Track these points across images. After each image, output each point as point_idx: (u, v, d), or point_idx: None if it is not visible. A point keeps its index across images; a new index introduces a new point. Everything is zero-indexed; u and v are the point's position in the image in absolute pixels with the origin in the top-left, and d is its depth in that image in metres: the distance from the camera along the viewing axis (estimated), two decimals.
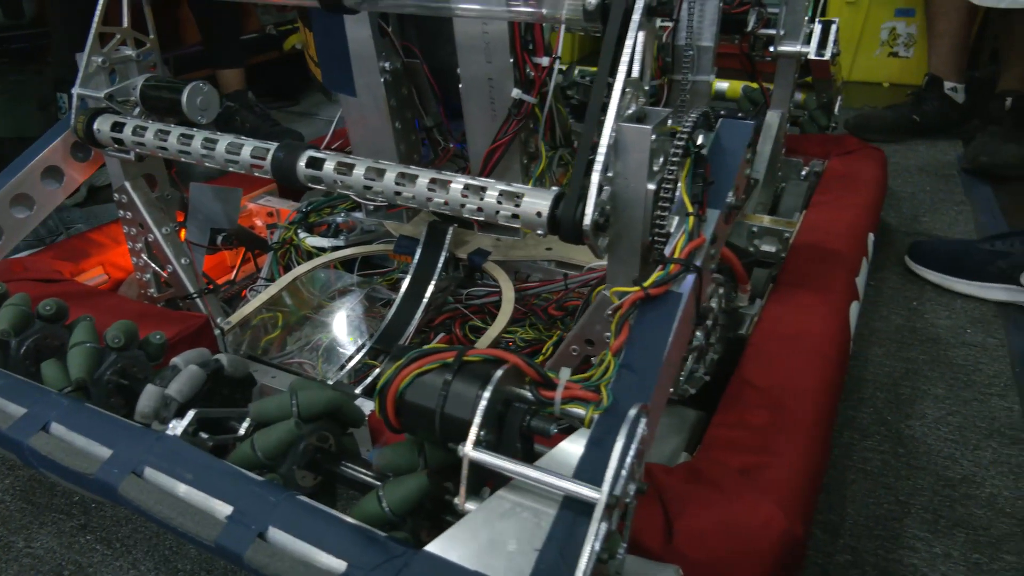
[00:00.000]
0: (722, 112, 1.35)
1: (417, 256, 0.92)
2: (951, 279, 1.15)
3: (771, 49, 1.10)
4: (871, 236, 0.98)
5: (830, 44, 1.03)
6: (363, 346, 0.88)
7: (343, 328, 0.93)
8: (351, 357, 0.86)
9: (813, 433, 0.61)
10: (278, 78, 2.25)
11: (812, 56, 1.04)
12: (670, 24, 0.93)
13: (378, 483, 0.53)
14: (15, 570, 0.71)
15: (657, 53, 0.90)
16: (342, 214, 1.06)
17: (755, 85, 1.30)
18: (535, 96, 0.73)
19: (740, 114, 1.31)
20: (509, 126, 0.74)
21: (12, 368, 0.65)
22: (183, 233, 0.93)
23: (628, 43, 0.53)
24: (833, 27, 1.03)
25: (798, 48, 1.07)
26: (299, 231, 1.02)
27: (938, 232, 1.36)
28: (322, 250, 1.00)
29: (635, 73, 0.56)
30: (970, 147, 1.63)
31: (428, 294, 0.89)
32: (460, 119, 0.83)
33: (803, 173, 1.27)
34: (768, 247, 1.04)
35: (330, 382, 0.82)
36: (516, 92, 0.72)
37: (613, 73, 0.54)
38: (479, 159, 0.78)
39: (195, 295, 0.87)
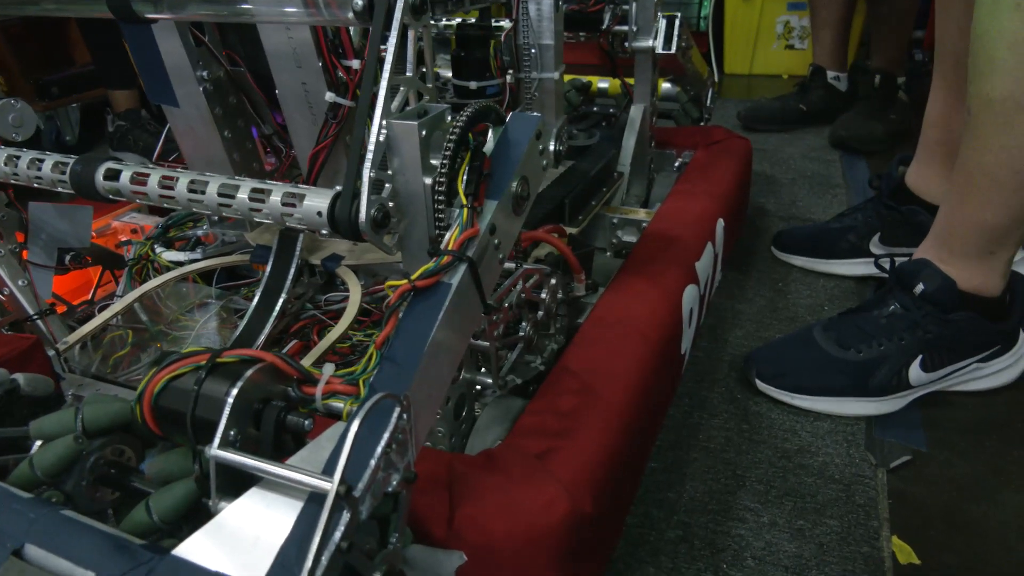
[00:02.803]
0: (595, 108, 1.38)
1: (269, 265, 0.92)
2: (814, 261, 1.20)
3: (627, 45, 1.12)
4: (720, 222, 1.01)
5: (675, 38, 1.06)
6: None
7: (196, 341, 0.92)
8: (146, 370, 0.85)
9: (617, 413, 0.63)
10: None
11: (659, 51, 1.07)
12: (509, 24, 0.94)
13: None
14: None
15: (495, 52, 0.91)
16: (204, 227, 1.05)
17: (630, 80, 1.33)
18: (351, 98, 0.73)
19: (612, 110, 1.34)
20: (328, 130, 0.75)
21: None
22: (26, 254, 0.90)
23: (391, 41, 0.54)
24: (677, 21, 1.06)
25: (650, 43, 1.10)
26: (156, 246, 1.01)
27: (812, 214, 1.41)
28: (179, 264, 0.99)
29: (411, 71, 0.57)
30: (835, 123, 1.72)
31: (280, 302, 0.89)
32: None
33: (676, 164, 1.30)
34: (629, 238, 1.07)
35: None
36: (330, 96, 0.73)
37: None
38: (307, 164, 0.78)
39: (33, 317, 0.85)
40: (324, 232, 0.57)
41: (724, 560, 0.69)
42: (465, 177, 0.56)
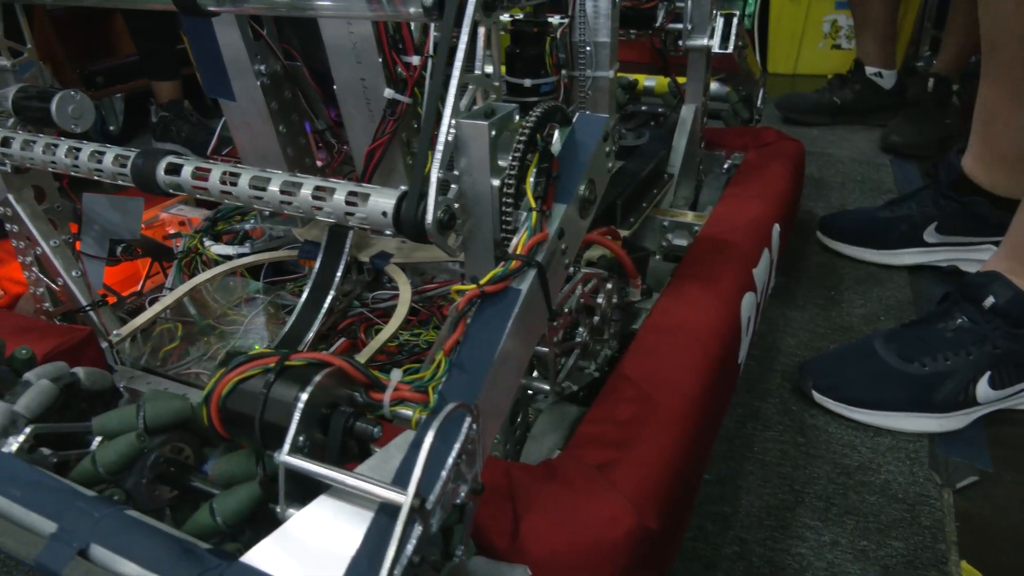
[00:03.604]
0: (643, 107, 1.36)
1: (318, 261, 0.91)
2: (860, 250, 1.18)
3: (680, 44, 1.10)
4: (776, 227, 0.98)
5: (732, 37, 1.03)
6: None
7: (245, 336, 0.92)
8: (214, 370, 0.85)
9: (679, 424, 0.61)
10: None
11: (716, 50, 1.05)
12: (566, 21, 0.92)
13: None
14: None
15: (550, 49, 0.89)
16: (252, 221, 1.05)
17: (679, 80, 1.30)
18: (409, 95, 0.72)
19: (661, 109, 1.31)
20: (385, 126, 0.73)
21: None
22: (79, 245, 0.91)
23: (464, 38, 0.53)
24: (735, 20, 1.04)
25: (705, 42, 1.07)
26: (205, 239, 1.01)
27: None
28: (228, 258, 0.99)
29: (479, 69, 0.55)
30: (887, 127, 1.70)
31: (329, 299, 0.88)
32: None
33: (725, 166, 1.28)
34: (680, 241, 1.05)
35: None
36: (389, 92, 0.71)
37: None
38: (363, 161, 0.77)
39: (86, 308, 0.85)
40: (388, 232, 0.56)
41: None
42: (533, 179, 0.55)
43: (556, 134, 0.59)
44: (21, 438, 0.53)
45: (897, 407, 0.82)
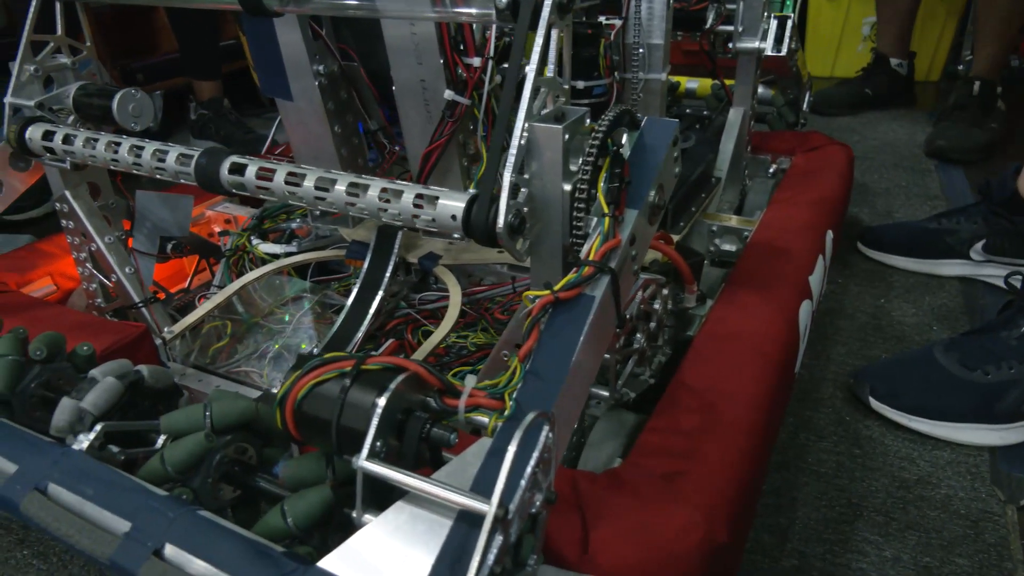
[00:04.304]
0: (687, 110, 1.34)
1: (367, 261, 0.91)
2: (903, 259, 1.16)
3: (730, 46, 1.08)
4: (829, 233, 0.96)
5: (786, 40, 1.02)
6: (311, 353, 0.86)
7: (293, 335, 0.92)
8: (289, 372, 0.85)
9: (743, 435, 0.60)
10: (254, 84, 2.24)
11: (768, 52, 1.03)
12: (619, 22, 0.91)
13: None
14: None
15: (604, 51, 0.88)
16: (297, 220, 1.05)
17: (729, 82, 1.29)
18: (469, 97, 0.72)
19: (705, 112, 1.30)
20: (444, 128, 0.73)
21: None
22: (131, 241, 0.92)
23: (538, 40, 0.52)
24: (788, 23, 1.02)
25: (756, 44, 1.06)
26: (252, 238, 1.01)
27: None
28: (275, 256, 0.99)
29: (551, 72, 0.55)
30: (931, 132, 1.69)
31: (377, 299, 0.88)
32: None
33: (770, 171, 1.26)
34: (728, 246, 1.03)
35: (274, 390, 0.81)
36: (448, 93, 0.71)
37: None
38: (418, 163, 0.77)
39: (139, 304, 0.86)
40: (456, 236, 0.56)
41: None
42: (606, 184, 0.54)
43: (624, 138, 0.58)
44: (92, 436, 0.53)
45: (958, 417, 0.80)
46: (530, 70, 0.52)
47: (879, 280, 1.17)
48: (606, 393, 0.66)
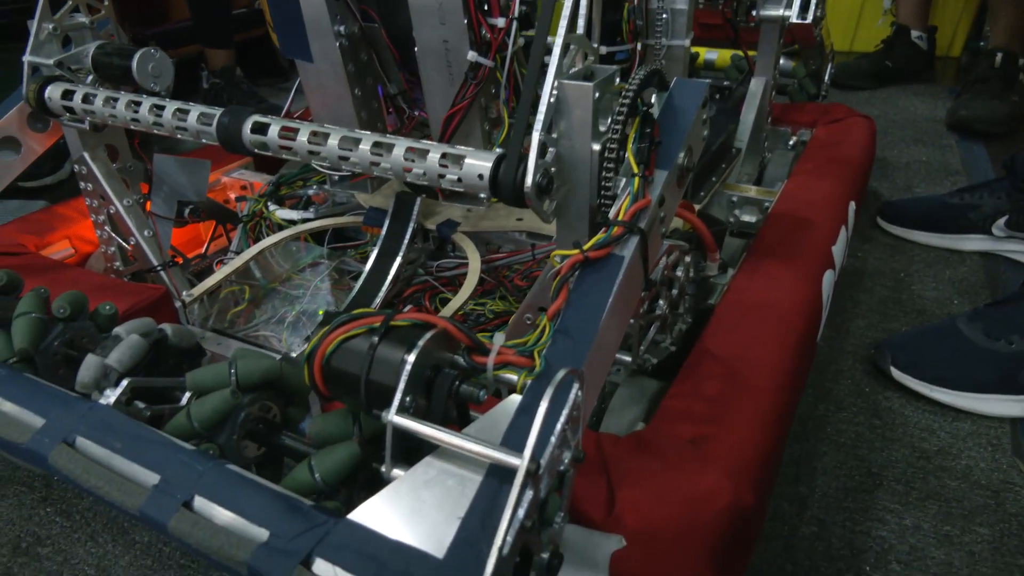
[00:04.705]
0: (707, 80, 1.32)
1: (385, 228, 0.91)
2: (924, 234, 1.15)
3: (754, 14, 1.06)
4: (852, 204, 0.95)
5: (812, 7, 1.00)
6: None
7: (310, 300, 0.92)
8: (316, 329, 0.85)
9: (769, 402, 0.59)
10: (266, 54, 2.22)
11: (794, 20, 1.01)
12: None
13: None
14: None
15: (628, 16, 0.87)
16: (314, 187, 1.05)
17: (741, 53, 1.27)
18: (492, 59, 0.71)
19: (726, 82, 1.28)
20: (466, 91, 0.72)
21: None
22: (149, 205, 0.91)
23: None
24: None
25: (781, 12, 1.04)
26: (269, 203, 1.01)
27: None
28: (292, 222, 0.99)
29: (580, 29, 0.54)
30: (953, 104, 1.67)
31: (395, 266, 0.88)
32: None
33: (791, 143, 1.24)
34: (748, 217, 1.02)
35: (294, 354, 0.81)
36: (472, 55, 0.70)
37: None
38: (439, 126, 0.76)
39: (158, 268, 0.86)
40: (483, 196, 0.55)
41: (866, 562, 0.65)
42: (635, 144, 0.53)
43: (653, 98, 0.57)
44: (119, 391, 0.53)
45: (980, 388, 0.79)
46: (561, 27, 0.51)
47: (899, 254, 1.16)
48: (628, 358, 0.66)
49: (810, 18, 1.00)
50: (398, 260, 0.88)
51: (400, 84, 0.85)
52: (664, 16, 0.91)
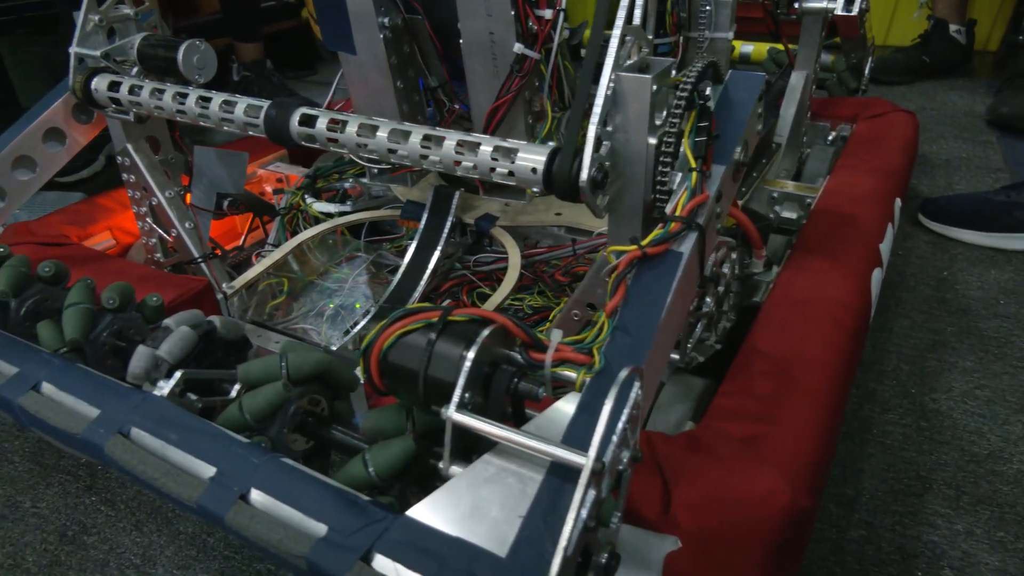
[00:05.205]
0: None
1: (423, 221, 0.90)
2: (968, 232, 1.12)
3: (796, 6, 1.04)
4: (898, 202, 0.93)
5: None
6: (367, 312, 0.86)
7: (348, 294, 0.92)
8: (355, 323, 0.85)
9: (822, 402, 0.58)
10: (295, 47, 2.23)
11: (839, 12, 0.99)
12: None
13: (367, 447, 0.51)
14: (20, 529, 0.71)
15: (672, 8, 0.86)
16: (350, 180, 1.05)
17: (780, 46, 1.24)
18: (539, 51, 0.70)
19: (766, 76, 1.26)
20: (511, 83, 0.71)
21: (11, 329, 0.64)
22: (189, 197, 0.92)
23: None
24: None
25: (824, 4, 1.02)
26: (306, 196, 1.01)
27: None
28: (329, 215, 0.99)
29: (636, 20, 0.53)
30: (994, 100, 1.64)
31: (434, 260, 0.87)
32: (464, 79, 0.80)
33: (830, 138, 1.22)
34: (789, 213, 1.01)
35: (334, 348, 0.81)
36: (518, 47, 0.69)
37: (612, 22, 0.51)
38: (482, 119, 0.76)
39: (199, 259, 0.86)
40: (535, 190, 0.55)
41: (918, 567, 0.64)
42: (692, 138, 0.52)
43: (708, 91, 0.56)
44: (172, 382, 0.53)
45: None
46: (620, 18, 0.50)
47: (941, 252, 1.13)
48: (676, 356, 0.65)
49: (855, 10, 0.98)
50: (436, 254, 0.88)
51: (441, 76, 0.85)
52: (708, 8, 0.89)
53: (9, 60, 1.83)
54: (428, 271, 0.87)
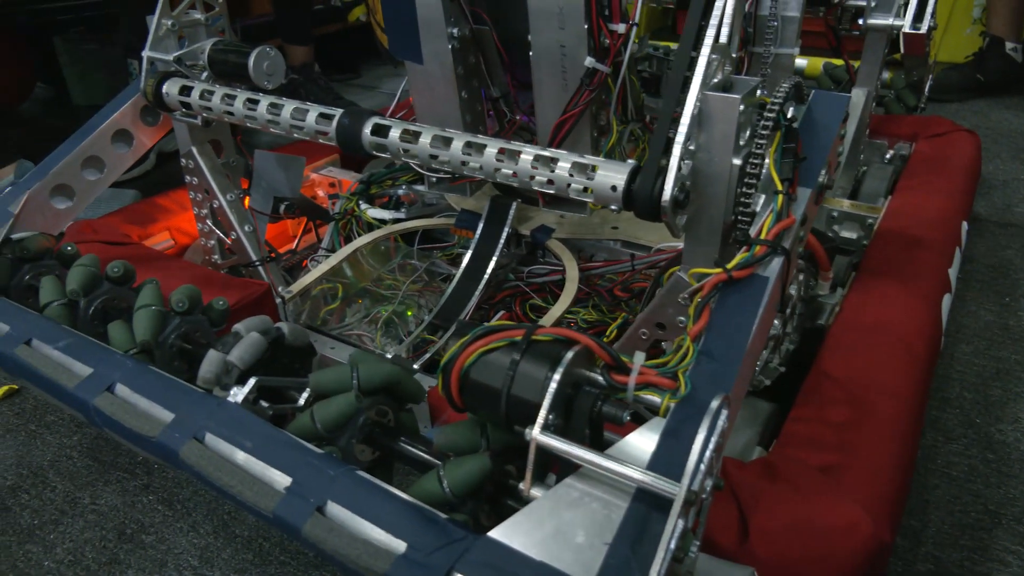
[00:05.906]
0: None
1: (479, 231, 0.90)
2: None
3: (860, 22, 1.03)
4: (964, 224, 0.91)
5: (927, 16, 0.96)
6: (422, 321, 0.86)
7: (401, 301, 0.92)
8: (410, 332, 0.85)
9: (899, 432, 0.57)
10: (342, 50, 2.25)
11: (907, 29, 0.97)
12: None
13: (436, 462, 0.51)
14: (80, 525, 0.72)
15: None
16: (404, 187, 1.05)
17: (838, 62, 1.23)
18: (609, 65, 0.69)
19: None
20: (581, 97, 0.71)
21: (80, 328, 0.65)
22: (247, 200, 0.93)
23: (717, 6, 0.49)
24: None
25: (891, 21, 1.00)
26: (360, 202, 1.01)
27: None
28: (383, 222, 0.99)
29: (723, 39, 0.52)
30: None
31: (489, 270, 0.87)
32: (527, 90, 0.80)
33: (887, 156, 1.19)
34: (849, 233, 0.99)
35: (388, 356, 0.81)
36: (590, 60, 0.69)
37: (699, 39, 0.50)
38: (547, 131, 0.75)
39: (257, 263, 0.87)
40: (614, 208, 0.54)
41: None
42: (779, 160, 0.51)
43: (791, 111, 0.55)
44: (246, 389, 0.53)
45: None
46: (709, 36, 0.49)
47: (1002, 277, 1.10)
48: None
49: (924, 28, 0.96)
50: (492, 264, 0.87)
51: (504, 87, 0.84)
52: (774, 23, 0.88)
53: (64, 58, 1.88)
54: (483, 281, 0.86)
